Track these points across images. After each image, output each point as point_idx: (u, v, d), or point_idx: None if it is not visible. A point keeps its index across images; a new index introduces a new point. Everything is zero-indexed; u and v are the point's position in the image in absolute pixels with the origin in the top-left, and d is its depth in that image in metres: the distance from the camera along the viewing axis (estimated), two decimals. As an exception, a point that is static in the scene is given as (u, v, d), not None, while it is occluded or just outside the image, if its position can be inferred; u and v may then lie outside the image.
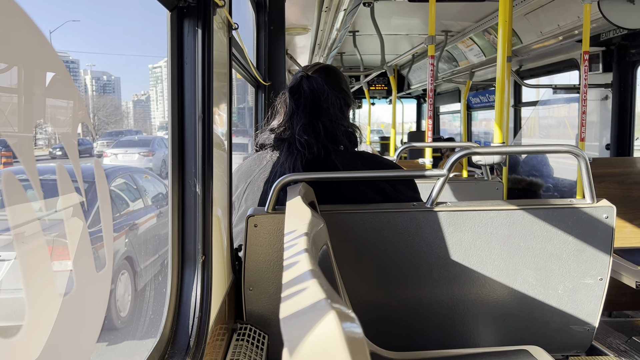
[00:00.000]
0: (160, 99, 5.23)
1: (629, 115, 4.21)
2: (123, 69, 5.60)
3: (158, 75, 6.07)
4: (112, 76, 4.03)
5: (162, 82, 5.93)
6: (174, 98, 1.13)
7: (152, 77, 5.97)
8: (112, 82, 4.04)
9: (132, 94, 4.25)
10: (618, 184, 3.07)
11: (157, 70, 6.05)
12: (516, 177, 5.11)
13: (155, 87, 5.76)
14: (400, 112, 10.30)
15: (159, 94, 5.49)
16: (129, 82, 6.29)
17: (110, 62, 6.89)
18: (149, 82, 5.36)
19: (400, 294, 1.58)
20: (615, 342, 2.59)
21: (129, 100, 4.45)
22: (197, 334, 1.13)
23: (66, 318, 0.66)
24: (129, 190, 4.80)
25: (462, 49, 6.05)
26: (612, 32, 3.89)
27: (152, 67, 5.88)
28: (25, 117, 0.58)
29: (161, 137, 5.39)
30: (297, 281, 0.60)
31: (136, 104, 4.70)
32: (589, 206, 1.57)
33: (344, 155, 1.70)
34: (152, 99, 4.86)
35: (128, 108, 3.93)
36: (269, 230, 1.48)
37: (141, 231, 4.40)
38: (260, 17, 3.04)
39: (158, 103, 5.14)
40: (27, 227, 0.59)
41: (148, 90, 4.05)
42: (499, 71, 2.56)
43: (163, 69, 6.39)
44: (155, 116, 4.73)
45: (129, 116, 5.12)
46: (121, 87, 4.27)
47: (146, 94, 4.69)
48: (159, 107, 4.88)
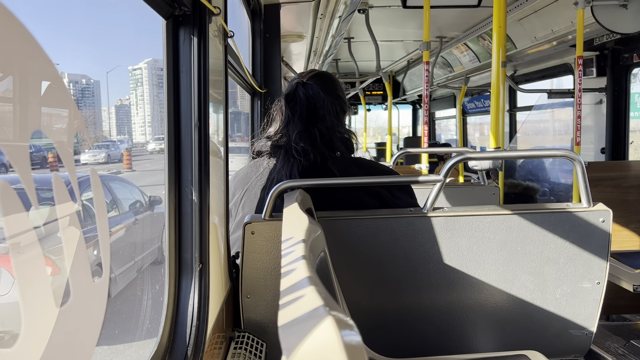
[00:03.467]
0: (140, 102, 5.16)
1: (623, 118, 4.23)
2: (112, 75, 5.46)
3: (138, 78, 5.91)
4: (92, 79, 3.94)
5: (143, 85, 5.84)
6: (170, 106, 1.13)
7: (132, 79, 5.79)
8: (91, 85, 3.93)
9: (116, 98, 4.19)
10: (614, 188, 3.08)
11: (137, 72, 5.90)
12: (512, 181, 5.12)
13: (135, 90, 5.64)
14: (395, 118, 10.33)
15: (139, 97, 5.40)
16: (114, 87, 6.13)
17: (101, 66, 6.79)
18: (128, 84, 5.18)
19: (398, 300, 1.58)
20: (614, 346, 2.58)
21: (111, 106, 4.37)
22: (195, 342, 1.12)
23: (63, 327, 0.65)
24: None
25: (456, 54, 6.08)
26: (605, 36, 3.92)
27: (132, 69, 5.71)
28: (20, 126, 0.58)
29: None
30: (295, 288, 0.59)
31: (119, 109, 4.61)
32: (586, 210, 1.57)
33: (340, 161, 1.70)
34: (132, 103, 4.76)
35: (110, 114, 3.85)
36: (266, 238, 1.47)
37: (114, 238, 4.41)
38: (255, 25, 3.04)
39: (138, 107, 5.04)
40: (23, 237, 0.59)
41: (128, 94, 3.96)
42: (494, 76, 2.57)
43: (143, 70, 6.33)
44: (135, 121, 4.64)
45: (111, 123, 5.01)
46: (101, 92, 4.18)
47: (129, 98, 4.61)
48: (139, 111, 4.79)
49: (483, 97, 7.16)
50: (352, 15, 3.50)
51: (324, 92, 1.73)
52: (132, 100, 6.02)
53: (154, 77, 6.60)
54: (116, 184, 5.30)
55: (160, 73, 3.19)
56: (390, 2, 4.26)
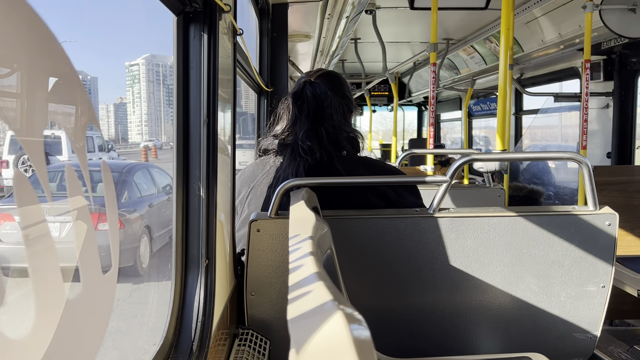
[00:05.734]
0: (137, 100, 5.14)
1: (630, 123, 4.21)
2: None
3: (135, 74, 5.78)
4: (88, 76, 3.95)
5: (140, 82, 5.87)
6: (180, 102, 1.13)
7: (129, 75, 5.66)
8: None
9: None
10: (620, 192, 3.07)
11: (134, 68, 5.73)
12: (517, 184, 5.11)
13: (132, 87, 5.61)
14: (401, 120, 10.32)
15: (136, 95, 5.40)
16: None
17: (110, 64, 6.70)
18: (125, 81, 5.15)
19: (402, 300, 1.58)
20: (617, 351, 2.58)
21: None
22: (200, 338, 1.12)
23: (71, 319, 0.66)
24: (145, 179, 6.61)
25: (463, 56, 6.08)
26: (613, 40, 3.90)
27: (129, 65, 5.56)
28: (37, 121, 0.58)
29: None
30: (303, 283, 0.60)
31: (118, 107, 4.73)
32: (592, 213, 1.57)
33: (346, 160, 1.70)
34: (129, 100, 4.76)
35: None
36: (272, 235, 1.48)
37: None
38: (263, 24, 3.05)
39: (135, 105, 5.03)
40: (34, 229, 0.60)
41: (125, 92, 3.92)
42: (501, 79, 2.57)
43: (141, 66, 6.47)
44: (131, 120, 4.65)
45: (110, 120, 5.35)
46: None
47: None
48: (136, 109, 4.76)
49: (489, 100, 7.15)
50: (359, 15, 3.51)
51: (331, 91, 1.74)
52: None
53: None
54: (155, 171, 7.25)
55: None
56: (397, 4, 4.27)
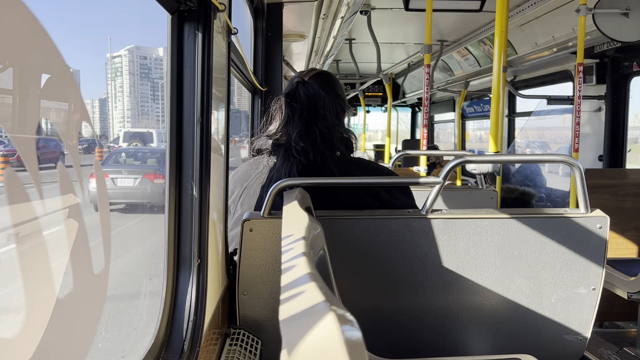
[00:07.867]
0: (119, 95, 5.10)
1: (621, 127, 4.24)
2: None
3: (117, 67, 5.71)
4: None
5: (122, 76, 5.79)
6: (173, 100, 1.13)
7: (112, 68, 5.58)
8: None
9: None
10: (611, 195, 3.09)
11: (117, 60, 5.69)
12: (509, 186, 5.14)
13: (114, 80, 5.55)
14: (395, 120, 10.34)
15: (118, 89, 5.32)
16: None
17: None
18: (106, 75, 4.96)
19: (394, 301, 1.59)
20: (607, 353, 2.59)
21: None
22: (192, 338, 1.12)
23: (61, 317, 0.65)
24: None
25: (457, 58, 6.10)
26: (606, 44, 3.93)
27: (112, 57, 5.48)
28: (28, 118, 0.58)
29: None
30: (296, 284, 0.60)
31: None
32: (583, 216, 1.58)
33: (340, 161, 1.70)
34: (111, 95, 4.76)
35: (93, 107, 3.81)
36: (265, 235, 1.47)
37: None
38: (258, 23, 3.05)
39: (117, 100, 4.98)
40: (24, 227, 0.59)
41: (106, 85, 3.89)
42: (495, 81, 2.58)
43: (124, 58, 6.38)
44: (114, 115, 4.63)
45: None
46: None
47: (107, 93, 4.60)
48: (118, 105, 4.75)
49: (482, 102, 7.18)
50: (354, 16, 3.51)
51: (324, 91, 1.74)
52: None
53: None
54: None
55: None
56: (392, 5, 4.27)
